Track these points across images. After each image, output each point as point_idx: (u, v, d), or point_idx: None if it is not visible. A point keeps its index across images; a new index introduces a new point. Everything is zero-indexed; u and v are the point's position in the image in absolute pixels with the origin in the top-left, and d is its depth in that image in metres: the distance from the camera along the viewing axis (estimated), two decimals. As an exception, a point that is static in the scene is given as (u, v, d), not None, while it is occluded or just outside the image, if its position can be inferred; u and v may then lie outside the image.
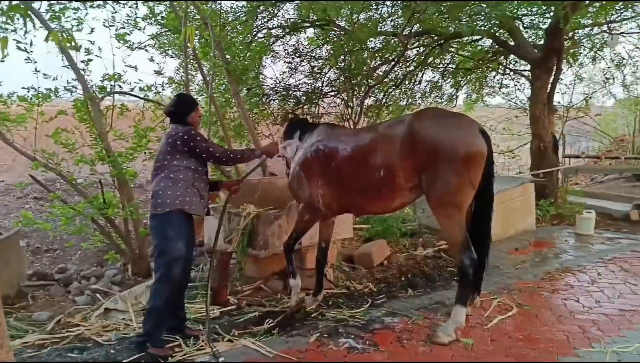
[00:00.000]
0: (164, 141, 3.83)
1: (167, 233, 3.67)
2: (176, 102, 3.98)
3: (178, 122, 3.88)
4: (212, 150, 3.84)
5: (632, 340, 3.72)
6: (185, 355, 3.70)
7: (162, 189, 3.69)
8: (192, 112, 3.95)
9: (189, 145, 3.73)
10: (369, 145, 4.03)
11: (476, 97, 11.54)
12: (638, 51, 11.86)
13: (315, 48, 9.07)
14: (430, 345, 3.69)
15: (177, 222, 3.69)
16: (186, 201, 3.72)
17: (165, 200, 3.66)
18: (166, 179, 3.71)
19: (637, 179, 11.27)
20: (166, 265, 3.67)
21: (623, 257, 5.95)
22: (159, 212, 3.67)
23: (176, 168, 3.72)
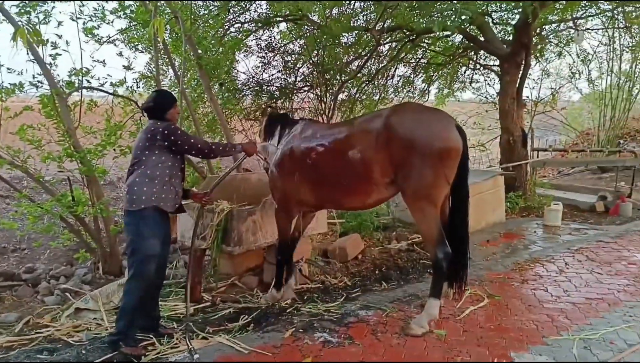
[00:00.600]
0: (142, 135, 3.75)
1: (141, 230, 3.61)
2: (154, 98, 3.91)
3: (156, 117, 3.82)
4: (193, 142, 3.78)
5: (599, 327, 3.85)
6: (159, 354, 3.66)
7: (137, 185, 3.62)
8: (171, 109, 3.89)
9: (169, 139, 3.66)
10: (345, 140, 4.04)
11: (447, 92, 11.71)
12: (602, 47, 12.26)
13: (289, 43, 9.03)
14: (404, 337, 3.74)
15: (151, 219, 3.64)
16: (162, 198, 3.67)
17: (141, 196, 3.60)
18: (142, 175, 3.64)
19: (602, 172, 11.63)
20: (140, 263, 3.62)
21: (589, 247, 6.14)
22: (134, 208, 3.61)
23: (153, 163, 3.66)
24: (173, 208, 3.82)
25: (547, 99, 11.95)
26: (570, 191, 9.63)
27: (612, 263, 5.50)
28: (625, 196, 8.31)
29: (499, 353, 3.48)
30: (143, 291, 3.67)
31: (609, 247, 6.13)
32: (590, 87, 13.41)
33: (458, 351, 3.53)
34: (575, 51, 11.46)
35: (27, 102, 5.53)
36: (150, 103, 3.87)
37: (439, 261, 3.78)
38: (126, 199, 3.68)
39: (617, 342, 3.61)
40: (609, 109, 13.45)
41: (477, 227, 6.91)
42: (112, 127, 5.09)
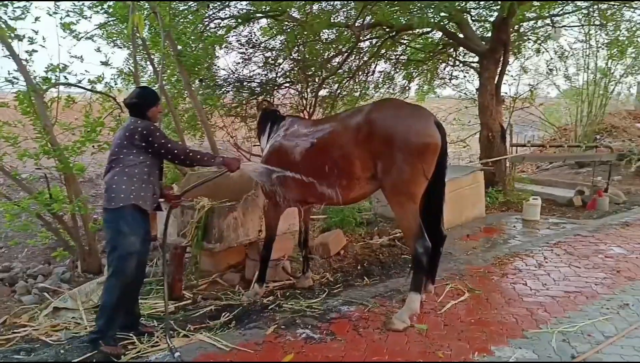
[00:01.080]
0: (121, 133, 3.69)
1: (120, 228, 3.57)
2: (138, 95, 3.83)
3: (137, 115, 3.75)
4: (170, 147, 3.71)
5: (577, 320, 3.92)
6: (139, 352, 3.62)
7: (116, 183, 3.57)
8: (153, 107, 3.82)
9: (147, 140, 3.61)
10: (327, 135, 4.08)
11: (427, 89, 11.78)
12: (579, 44, 12.47)
13: (269, 39, 8.97)
14: (386, 332, 3.76)
15: (130, 217, 3.60)
16: (140, 197, 3.62)
17: (120, 194, 3.55)
18: (121, 173, 3.59)
19: (579, 167, 11.85)
20: (119, 260, 3.58)
21: (567, 241, 6.25)
22: (112, 206, 3.56)
23: (132, 162, 3.61)
24: (152, 207, 3.78)
25: (526, 95, 12.12)
26: (548, 186, 9.78)
27: (589, 256, 5.61)
28: (602, 190, 8.48)
29: (480, 347, 3.52)
30: (123, 289, 3.63)
31: (586, 241, 6.25)
32: (567, 84, 13.65)
33: (439, 345, 3.56)
34: (552, 48, 11.64)
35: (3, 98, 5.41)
36: (134, 99, 3.79)
37: (419, 255, 3.81)
38: (105, 197, 3.62)
39: (594, 335, 3.68)
40: (585, 105, 13.70)
41: (457, 222, 6.98)
42: (91, 124, 5.00)
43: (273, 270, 5.15)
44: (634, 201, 8.75)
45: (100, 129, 5.01)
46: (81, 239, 5.36)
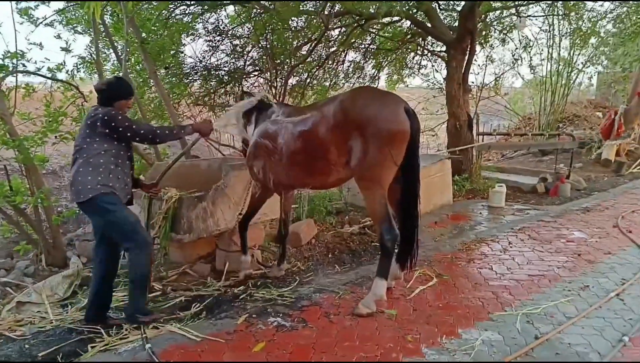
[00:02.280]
0: (83, 122, 3.59)
1: (108, 208, 3.51)
2: (109, 84, 3.72)
3: (104, 103, 3.64)
4: (135, 128, 3.61)
5: (540, 302, 4.06)
6: (107, 345, 3.56)
7: (81, 175, 3.47)
8: (122, 100, 3.71)
9: (110, 126, 3.50)
10: (307, 122, 4.13)
11: (397, 78, 11.86)
12: (543, 34, 12.76)
13: (237, 26, 8.83)
14: (356, 318, 3.81)
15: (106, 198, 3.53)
16: (108, 187, 3.54)
17: (86, 186, 3.46)
18: (85, 164, 3.49)
19: (542, 155, 12.18)
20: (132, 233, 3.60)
21: (531, 227, 6.43)
22: (82, 199, 3.47)
23: (96, 151, 3.51)
24: (125, 199, 3.71)
25: (492, 85, 12.35)
26: (513, 174, 10.00)
27: (552, 241, 5.79)
28: (564, 177, 8.73)
29: (447, 330, 3.61)
30: (149, 257, 3.70)
31: (549, 226, 6.44)
32: (531, 74, 13.96)
33: (408, 329, 3.63)
34: (517, 38, 11.87)
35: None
36: (103, 86, 3.67)
37: (386, 241, 3.86)
38: (72, 191, 3.53)
39: (557, 316, 3.82)
40: (549, 94, 14.05)
41: (425, 210, 7.07)
42: (53, 114, 4.83)
43: (244, 260, 5.13)
44: (594, 188, 9.06)
45: (62, 119, 4.83)
46: (45, 232, 5.21)
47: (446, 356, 3.27)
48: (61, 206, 6.28)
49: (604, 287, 4.38)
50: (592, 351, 3.32)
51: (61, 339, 3.71)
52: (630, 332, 3.53)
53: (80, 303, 4.38)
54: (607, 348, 3.35)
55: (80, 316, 4.06)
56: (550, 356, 3.26)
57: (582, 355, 3.27)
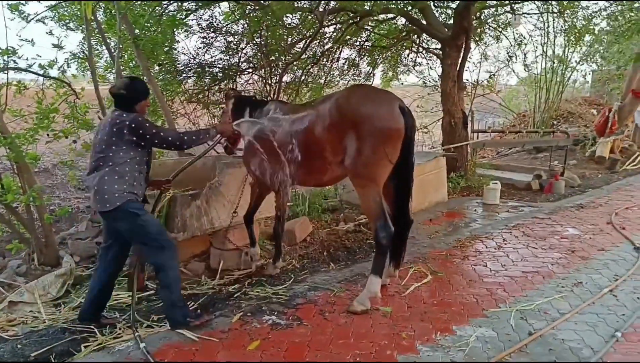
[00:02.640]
0: (107, 129, 3.48)
1: (135, 212, 3.51)
2: (127, 86, 3.61)
3: (124, 108, 3.57)
4: (163, 135, 3.56)
5: (534, 298, 4.08)
6: (101, 344, 3.55)
7: (107, 184, 3.43)
8: (143, 101, 3.67)
9: (137, 133, 3.45)
10: (305, 121, 4.14)
11: (391, 76, 11.85)
12: (538, 31, 12.79)
13: (231, 23, 8.78)
14: (351, 316, 3.81)
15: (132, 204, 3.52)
16: (133, 194, 3.54)
17: (114, 194, 3.43)
18: (111, 173, 3.45)
19: (537, 152, 12.20)
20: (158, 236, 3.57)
21: (525, 223, 6.45)
22: (109, 208, 3.44)
23: (122, 160, 3.47)
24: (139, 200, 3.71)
25: (487, 82, 12.36)
26: (507, 171, 10.02)
27: (546, 238, 5.81)
28: (558, 174, 8.76)
29: (442, 327, 3.62)
30: (177, 257, 3.69)
31: (543, 223, 6.46)
32: (526, 71, 13.97)
33: (403, 327, 3.64)
34: (512, 35, 11.89)
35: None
36: (122, 90, 3.58)
37: (381, 238, 3.86)
38: (97, 199, 3.47)
39: (550, 312, 3.84)
40: (543, 92, 14.08)
41: (420, 207, 7.09)
42: (44, 111, 4.78)
43: (238, 259, 5.12)
44: (588, 185, 9.10)
45: (54, 116, 4.78)
46: (37, 231, 5.16)
47: (440, 353, 3.27)
48: (54, 205, 6.23)
49: (597, 283, 4.40)
50: (585, 347, 3.33)
51: (54, 339, 3.69)
52: (623, 328, 3.55)
53: (73, 302, 4.36)
54: (600, 343, 3.36)
55: (74, 316, 4.04)
56: (544, 352, 3.27)
57: (575, 350, 3.28)
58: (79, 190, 7.70)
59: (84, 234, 5.75)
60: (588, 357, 3.19)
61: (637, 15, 8.86)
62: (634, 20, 8.84)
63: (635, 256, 5.06)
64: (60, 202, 7.13)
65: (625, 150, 11.45)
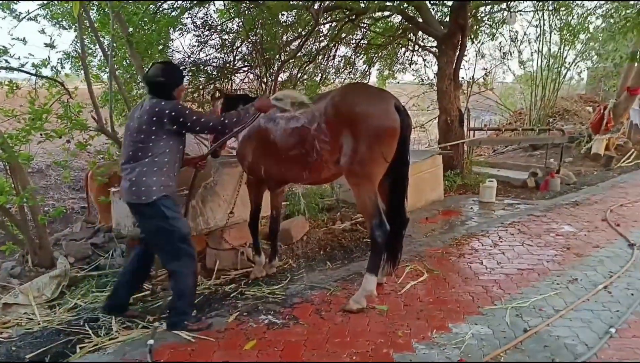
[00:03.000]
0: (146, 118, 3.36)
1: (166, 215, 3.46)
2: (164, 72, 3.50)
3: (161, 95, 3.45)
4: (204, 120, 3.49)
5: (529, 295, 4.09)
6: (96, 345, 3.54)
7: (146, 176, 3.39)
8: (181, 85, 3.60)
9: (178, 121, 3.38)
10: (301, 119, 4.10)
11: (387, 74, 11.84)
12: (533, 29, 12.80)
13: (226, 21, 8.75)
14: (347, 315, 3.80)
15: (169, 202, 3.51)
16: (169, 187, 3.52)
17: (151, 187, 3.40)
18: (150, 164, 3.40)
19: (533, 149, 12.24)
20: (182, 243, 3.54)
21: (521, 221, 6.46)
22: (144, 201, 3.40)
23: (161, 150, 3.41)
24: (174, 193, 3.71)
25: (482, 80, 12.38)
26: (503, 169, 10.03)
27: (541, 235, 5.82)
28: (554, 172, 8.78)
29: (438, 325, 3.62)
30: (194, 268, 3.65)
31: (539, 220, 6.48)
32: (521, 68, 14.00)
33: (399, 325, 3.64)
34: (508, 33, 11.92)
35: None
36: (160, 77, 3.47)
37: (376, 236, 3.86)
38: (132, 191, 3.41)
39: (545, 309, 3.85)
40: (539, 89, 14.11)
41: (417, 205, 7.10)
42: (37, 111, 4.75)
43: (234, 258, 5.11)
44: (584, 182, 9.13)
45: (46, 117, 4.75)
46: (31, 232, 5.13)
47: (436, 350, 3.27)
48: (48, 206, 6.20)
49: (592, 280, 4.41)
50: (579, 343, 3.34)
51: (49, 340, 3.68)
52: (617, 324, 3.57)
53: (68, 304, 4.34)
54: (594, 340, 3.37)
55: (69, 317, 4.03)
56: (539, 348, 3.27)
57: (570, 347, 3.28)
58: (74, 191, 7.67)
59: (79, 235, 5.72)
60: (582, 353, 3.19)
61: (631, 13, 8.87)
62: (628, 18, 8.84)
63: (630, 253, 5.07)
64: (55, 203, 7.10)
65: (621, 147, 11.49)
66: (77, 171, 8.17)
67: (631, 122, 12.05)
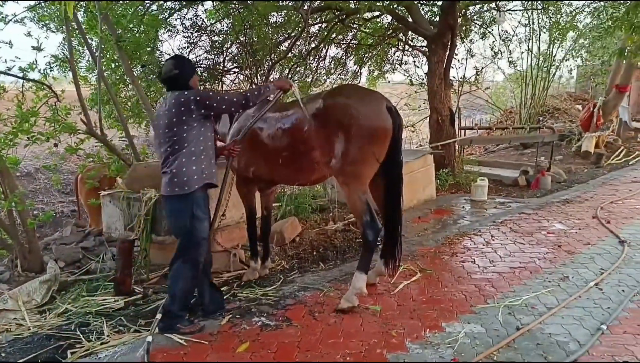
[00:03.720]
0: (174, 110, 3.40)
1: (195, 213, 3.45)
2: (176, 65, 3.56)
3: (179, 87, 3.50)
4: (228, 98, 3.58)
5: (521, 293, 4.10)
6: (87, 350, 3.49)
7: (185, 166, 3.41)
8: (194, 75, 3.64)
9: (205, 105, 3.42)
10: (291, 119, 4.09)
11: (378, 74, 11.85)
12: (522, 28, 12.88)
13: (215, 22, 8.71)
14: (341, 315, 3.79)
15: (202, 200, 3.51)
16: (210, 174, 3.54)
17: (193, 176, 3.41)
18: (188, 154, 3.42)
19: (524, 148, 12.32)
20: (195, 247, 3.53)
21: (512, 219, 6.49)
22: (186, 191, 3.41)
23: (195, 138, 3.44)
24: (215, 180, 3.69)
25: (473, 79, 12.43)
26: (495, 167, 10.09)
27: (533, 233, 5.84)
28: (544, 170, 8.84)
29: (431, 324, 3.61)
30: (197, 274, 3.61)
31: (530, 218, 6.50)
32: (511, 68, 14.08)
33: (392, 325, 3.63)
34: (497, 32, 11.97)
35: None
36: (175, 71, 3.52)
37: (367, 235, 3.86)
38: (173, 183, 3.43)
39: (537, 307, 3.86)
40: (529, 88, 14.20)
41: (409, 205, 7.10)
42: (24, 114, 4.69)
43: (227, 260, 5.08)
44: (574, 179, 9.19)
45: (34, 120, 4.70)
46: (20, 236, 5.08)
47: (430, 350, 3.27)
48: (37, 210, 6.13)
49: (584, 277, 4.43)
50: (572, 340, 3.35)
51: (39, 346, 3.62)
52: (609, 320, 3.58)
53: (58, 308, 4.27)
54: (586, 336, 3.38)
55: (60, 322, 3.98)
56: (532, 346, 3.27)
57: (562, 344, 3.29)
58: (63, 194, 7.59)
59: (69, 239, 5.67)
60: (575, 350, 3.20)
61: (618, 12, 8.96)
62: (615, 17, 8.93)
63: (620, 250, 5.11)
64: (44, 207, 7.03)
65: (610, 145, 11.58)
66: (67, 175, 8.09)
67: (620, 120, 12.16)
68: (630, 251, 5.07)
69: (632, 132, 12.51)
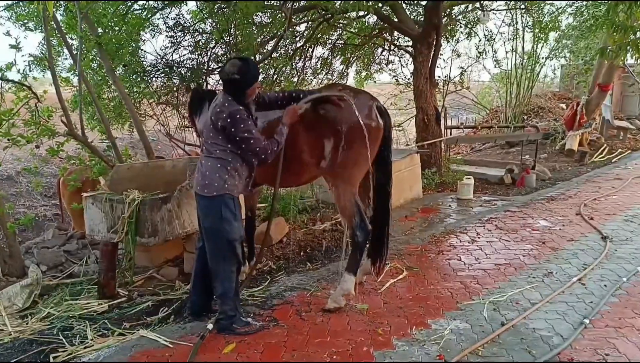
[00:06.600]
0: (212, 117, 3.37)
1: (222, 215, 3.41)
2: (240, 70, 3.35)
3: (233, 93, 3.39)
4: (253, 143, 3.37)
5: (506, 290, 4.13)
6: (70, 355, 3.45)
7: (210, 170, 3.41)
8: (255, 84, 3.49)
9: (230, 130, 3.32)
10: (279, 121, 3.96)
11: (365, 74, 11.86)
12: (506, 27, 13.01)
13: (199, 22, 8.64)
14: (328, 315, 3.78)
15: (232, 202, 3.46)
16: (234, 186, 3.48)
17: (213, 183, 3.39)
18: (215, 161, 3.42)
19: (509, 146, 12.41)
20: (230, 246, 3.49)
21: (498, 217, 6.53)
22: (207, 195, 3.41)
23: (222, 148, 3.41)
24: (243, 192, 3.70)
25: (458, 79, 12.51)
26: (481, 166, 10.13)
27: (518, 230, 5.89)
28: (529, 168, 8.91)
29: (417, 322, 3.63)
30: (238, 273, 3.62)
31: (515, 216, 6.56)
32: (496, 67, 14.19)
33: (379, 323, 3.64)
34: (482, 32, 12.05)
35: None
36: (236, 75, 3.34)
37: (357, 236, 3.85)
38: (200, 183, 3.45)
39: (522, 302, 3.90)
40: (514, 87, 14.32)
41: (396, 204, 7.10)
42: (3, 113, 4.59)
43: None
44: (559, 177, 9.28)
45: (13, 122, 4.60)
46: (0, 241, 5.00)
47: (416, 347, 3.28)
48: (19, 214, 6.03)
49: (567, 273, 4.48)
50: (555, 335, 3.39)
51: (21, 351, 3.58)
52: (591, 315, 3.63)
53: (41, 313, 4.22)
54: (569, 331, 3.43)
55: (42, 327, 3.92)
56: (516, 341, 3.31)
57: (546, 339, 3.33)
58: (46, 197, 7.48)
59: (51, 242, 5.60)
60: (558, 344, 3.24)
61: (599, 12, 9.07)
62: (596, 17, 9.04)
63: (603, 246, 5.17)
64: (26, 210, 6.91)
65: (593, 143, 11.73)
66: (49, 177, 7.97)
67: (603, 118, 12.31)
68: (613, 247, 5.14)
69: (614, 131, 12.68)
